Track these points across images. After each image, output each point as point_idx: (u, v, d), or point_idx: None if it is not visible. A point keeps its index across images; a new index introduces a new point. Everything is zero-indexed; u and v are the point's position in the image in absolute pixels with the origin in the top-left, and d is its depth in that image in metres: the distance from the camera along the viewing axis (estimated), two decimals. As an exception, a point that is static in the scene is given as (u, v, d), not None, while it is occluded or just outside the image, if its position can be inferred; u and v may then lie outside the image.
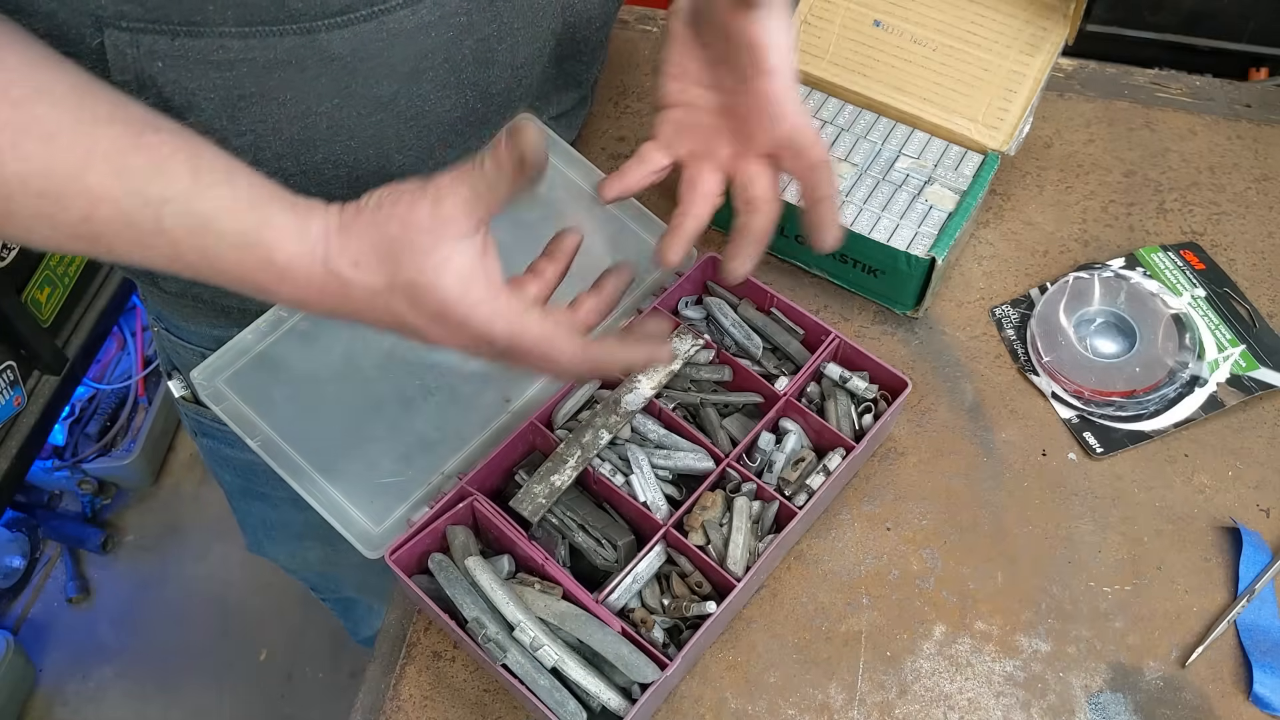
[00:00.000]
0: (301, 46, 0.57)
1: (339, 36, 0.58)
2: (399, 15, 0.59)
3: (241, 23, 0.55)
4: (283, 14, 0.55)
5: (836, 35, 0.81)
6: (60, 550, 1.89)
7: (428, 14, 0.60)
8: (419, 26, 0.60)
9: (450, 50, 0.63)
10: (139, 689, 1.76)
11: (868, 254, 0.75)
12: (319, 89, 0.59)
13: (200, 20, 0.54)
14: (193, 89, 0.57)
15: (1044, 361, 0.75)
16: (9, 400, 1.41)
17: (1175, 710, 0.62)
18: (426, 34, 0.61)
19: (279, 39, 0.56)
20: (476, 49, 0.65)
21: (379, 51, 0.60)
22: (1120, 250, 0.81)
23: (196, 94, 0.57)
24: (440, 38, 0.62)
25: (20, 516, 1.87)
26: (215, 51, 0.56)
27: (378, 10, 0.58)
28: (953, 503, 0.70)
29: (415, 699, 0.65)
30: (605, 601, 0.60)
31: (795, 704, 0.63)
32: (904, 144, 0.78)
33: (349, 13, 0.57)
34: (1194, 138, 0.88)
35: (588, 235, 0.76)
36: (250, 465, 0.89)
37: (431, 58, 0.62)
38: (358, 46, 0.59)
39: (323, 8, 0.56)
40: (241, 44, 0.56)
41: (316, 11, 0.56)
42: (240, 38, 0.56)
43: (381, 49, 0.60)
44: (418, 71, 0.62)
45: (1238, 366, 0.74)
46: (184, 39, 0.55)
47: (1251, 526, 0.68)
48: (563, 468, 0.63)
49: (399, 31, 0.59)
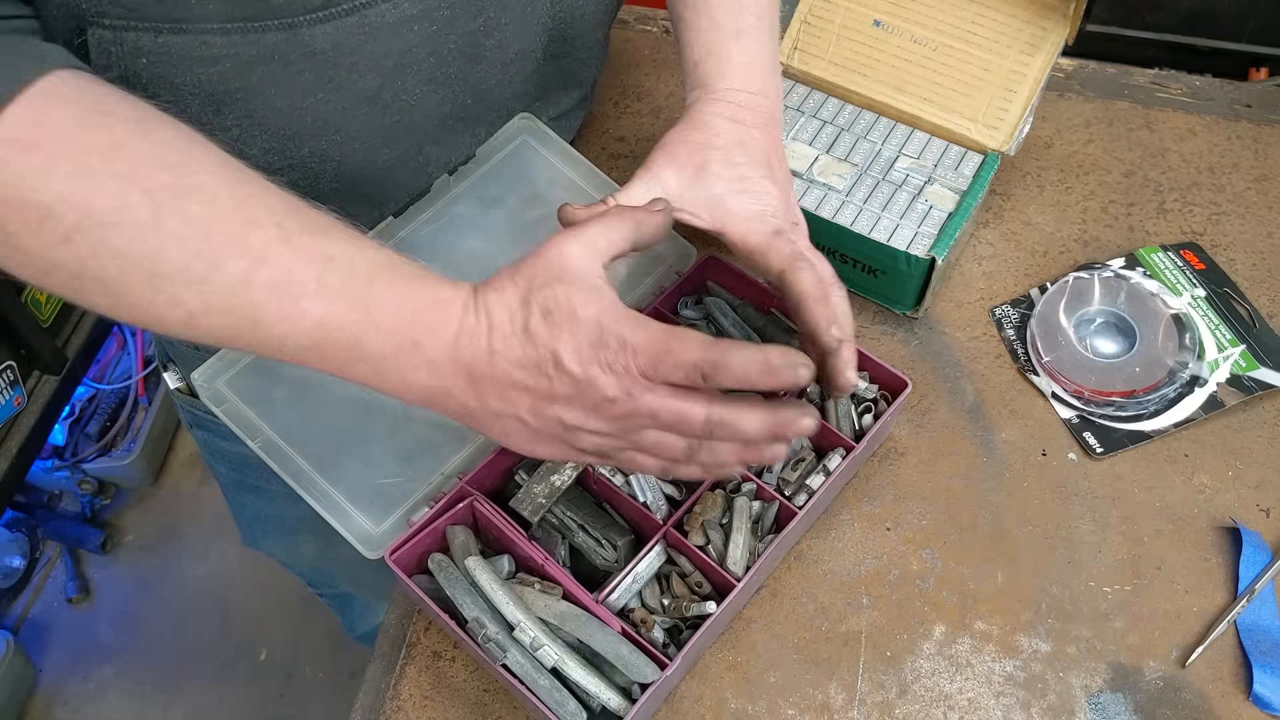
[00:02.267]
0: (284, 42, 0.57)
1: (321, 31, 0.58)
2: (380, 9, 0.59)
3: (225, 19, 0.55)
4: (265, 10, 0.56)
5: (836, 35, 0.81)
6: (60, 550, 1.89)
7: (410, 7, 0.60)
8: (401, 20, 0.60)
9: (435, 44, 0.63)
10: (139, 689, 1.76)
11: (868, 254, 0.75)
12: (303, 83, 0.60)
13: (183, 17, 0.55)
14: (178, 84, 0.57)
15: (1044, 361, 0.75)
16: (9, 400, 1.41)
17: (1175, 710, 0.62)
18: (409, 27, 0.61)
19: (262, 34, 0.57)
20: (462, 43, 0.65)
21: (361, 45, 0.60)
22: (1120, 250, 0.81)
23: (182, 89, 0.57)
24: (424, 31, 0.62)
25: (20, 516, 1.87)
26: (199, 48, 0.56)
27: (359, 4, 0.58)
28: (953, 503, 0.70)
29: (415, 699, 0.65)
30: (605, 601, 0.60)
31: (795, 704, 0.63)
32: (904, 144, 0.78)
33: (330, 7, 0.57)
34: (1194, 138, 0.88)
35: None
36: (244, 459, 0.89)
37: (415, 51, 0.63)
38: (340, 41, 0.59)
39: (304, 3, 0.56)
40: (225, 40, 0.56)
41: (298, 7, 0.56)
42: (223, 34, 0.56)
43: (364, 42, 0.60)
44: (402, 65, 0.63)
45: (1238, 366, 0.74)
46: (168, 35, 0.55)
47: (1251, 526, 0.68)
48: (563, 468, 0.63)
49: (380, 25, 0.60)
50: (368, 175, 0.68)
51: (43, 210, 0.46)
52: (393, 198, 0.73)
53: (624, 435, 0.51)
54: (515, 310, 0.50)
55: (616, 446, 0.52)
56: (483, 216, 0.77)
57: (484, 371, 0.51)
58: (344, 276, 0.49)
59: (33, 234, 0.46)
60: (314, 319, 0.49)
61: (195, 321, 0.49)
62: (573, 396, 0.50)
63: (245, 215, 0.48)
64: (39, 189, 0.45)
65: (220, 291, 0.48)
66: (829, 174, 0.76)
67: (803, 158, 0.78)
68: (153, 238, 0.47)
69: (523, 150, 0.79)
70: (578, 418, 0.51)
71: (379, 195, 0.72)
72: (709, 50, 0.66)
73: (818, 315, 0.59)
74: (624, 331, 0.49)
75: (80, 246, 0.46)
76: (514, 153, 0.79)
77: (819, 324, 0.59)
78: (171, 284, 0.47)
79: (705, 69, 0.66)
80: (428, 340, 0.50)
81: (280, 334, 0.49)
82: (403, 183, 0.72)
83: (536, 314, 0.50)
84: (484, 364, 0.50)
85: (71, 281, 0.48)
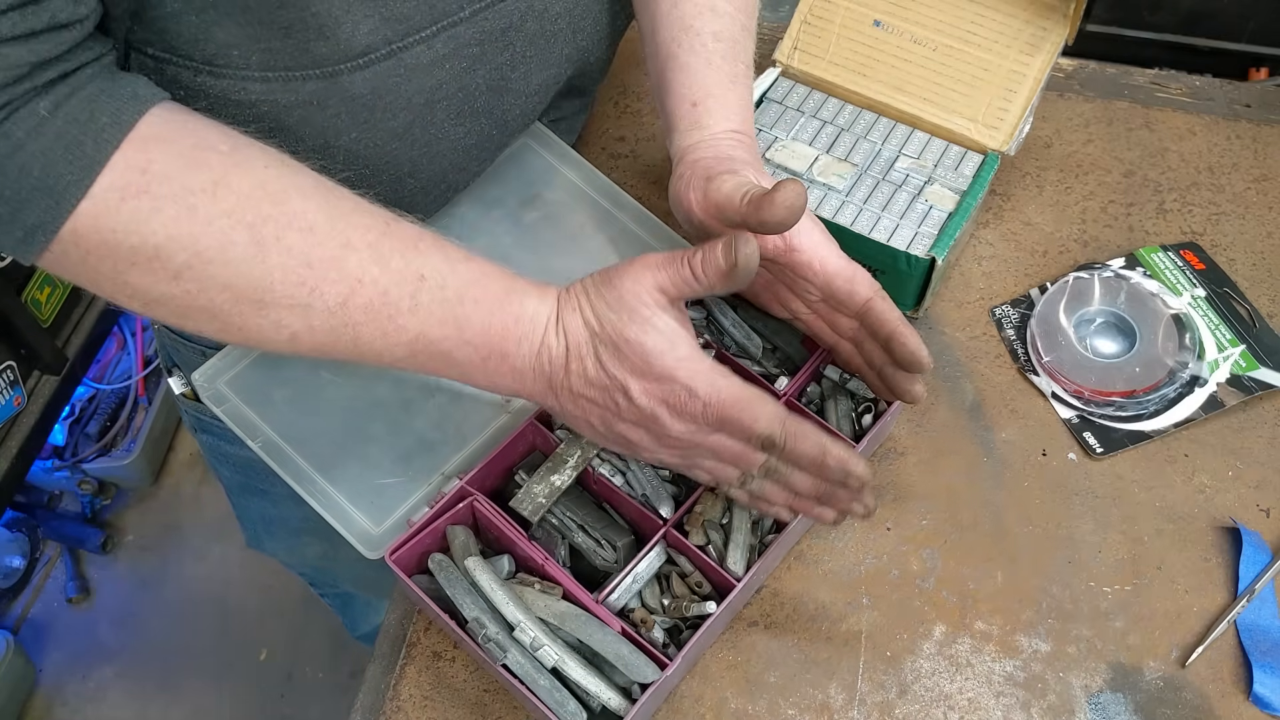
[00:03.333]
0: (323, 89, 0.58)
1: (360, 78, 0.59)
2: (415, 51, 0.60)
3: (265, 68, 0.56)
4: (306, 60, 0.56)
5: (836, 35, 0.81)
6: (60, 550, 1.89)
7: (442, 47, 0.61)
8: (434, 60, 0.61)
9: (463, 80, 0.64)
10: (139, 689, 1.76)
11: (868, 254, 0.75)
12: (339, 125, 0.61)
13: (223, 63, 0.56)
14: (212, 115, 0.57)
15: (1044, 361, 0.75)
16: (9, 400, 1.41)
17: (1175, 710, 0.62)
18: (441, 66, 0.62)
19: (301, 83, 0.57)
20: (490, 77, 0.66)
21: (396, 86, 0.61)
22: (1120, 250, 0.81)
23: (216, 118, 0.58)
24: (454, 69, 0.63)
25: (20, 516, 1.87)
26: (237, 91, 0.57)
27: (396, 49, 0.59)
28: (953, 503, 0.70)
29: (415, 699, 0.65)
30: (605, 601, 0.60)
31: (795, 704, 0.63)
32: (904, 144, 0.78)
33: (370, 53, 0.58)
34: (1193, 138, 0.88)
35: (588, 236, 0.76)
36: (249, 462, 0.89)
37: (445, 88, 0.63)
38: (377, 85, 0.60)
39: (345, 52, 0.57)
40: (263, 86, 0.57)
41: (339, 56, 0.57)
42: (263, 80, 0.57)
43: (399, 84, 0.61)
44: (431, 103, 0.63)
45: (1238, 366, 0.74)
46: (206, 76, 0.56)
47: (1251, 526, 0.68)
48: (563, 468, 0.63)
49: (415, 66, 0.60)
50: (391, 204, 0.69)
51: (151, 252, 0.48)
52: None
53: (684, 457, 0.58)
54: (589, 337, 0.54)
55: (676, 464, 0.59)
56: (483, 218, 0.77)
57: (561, 383, 0.56)
58: (436, 294, 0.53)
59: (143, 274, 0.49)
60: (410, 335, 0.53)
61: (299, 340, 0.53)
62: (638, 422, 0.55)
63: (342, 239, 0.51)
64: (148, 232, 0.48)
65: (322, 314, 0.51)
66: (829, 174, 0.77)
67: (803, 158, 0.78)
68: (258, 270, 0.50)
69: (523, 152, 0.79)
70: (641, 438, 0.56)
71: None
72: (707, 93, 0.67)
73: (909, 345, 0.60)
74: (696, 386, 0.53)
75: (189, 283, 0.49)
76: (514, 154, 0.79)
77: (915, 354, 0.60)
78: (277, 310, 0.51)
79: (705, 109, 0.67)
80: (513, 353, 0.55)
81: (378, 349, 0.54)
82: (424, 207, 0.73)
83: (609, 345, 0.54)
84: (560, 377, 0.56)
85: (181, 312, 0.51)
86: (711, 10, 0.68)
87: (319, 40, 0.55)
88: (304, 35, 0.55)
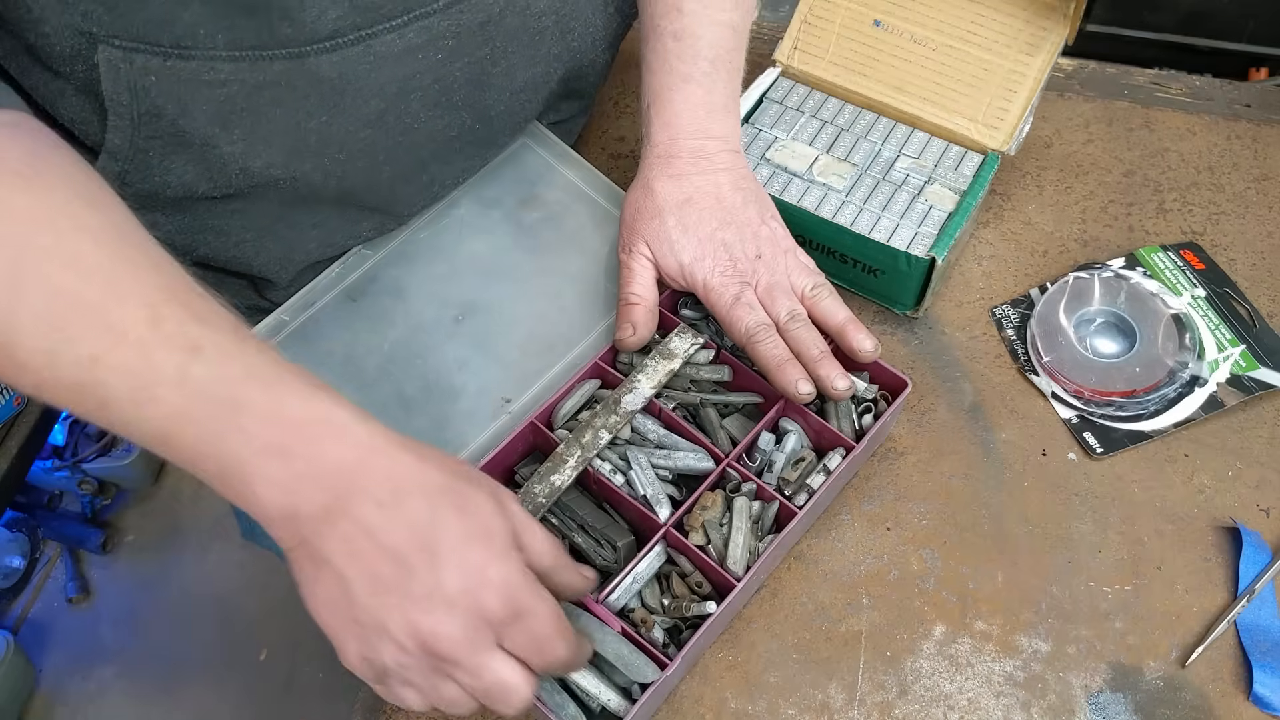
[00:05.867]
0: (290, 70, 0.58)
1: (327, 60, 0.59)
2: (385, 39, 0.60)
3: (232, 47, 0.56)
4: (272, 40, 0.57)
5: (836, 35, 0.81)
6: (60, 550, 1.89)
7: (414, 38, 0.61)
8: (406, 50, 0.61)
9: (439, 72, 0.64)
10: (139, 689, 1.76)
11: (868, 254, 0.75)
12: (308, 106, 0.61)
13: (191, 44, 0.55)
14: (185, 100, 0.58)
15: (1044, 361, 0.75)
16: (9, 400, 1.41)
17: (1175, 710, 0.62)
18: (413, 56, 0.62)
19: (269, 63, 0.58)
20: (469, 71, 0.66)
21: (366, 73, 0.61)
22: (1120, 250, 0.81)
23: (189, 105, 0.58)
24: (428, 60, 0.63)
25: (20, 516, 1.87)
26: (206, 72, 0.57)
27: (364, 35, 0.59)
28: (953, 503, 0.70)
29: (415, 699, 0.64)
30: (605, 601, 0.60)
31: (795, 704, 0.63)
32: (904, 144, 0.78)
33: (336, 37, 0.58)
34: (1193, 137, 0.88)
35: (587, 236, 0.76)
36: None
37: (420, 78, 0.64)
38: (345, 69, 0.60)
39: (311, 34, 0.57)
40: (232, 66, 0.57)
41: (305, 37, 0.57)
42: (231, 60, 0.57)
43: (368, 71, 0.61)
44: (405, 91, 0.64)
45: (1238, 366, 0.74)
46: (175, 60, 0.56)
47: (1251, 526, 0.68)
48: (563, 468, 0.63)
49: (385, 55, 0.61)
50: (370, 189, 0.69)
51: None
52: (397, 211, 0.74)
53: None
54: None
55: None
56: (482, 218, 0.77)
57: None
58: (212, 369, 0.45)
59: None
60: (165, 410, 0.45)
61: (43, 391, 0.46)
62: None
63: (116, 291, 0.45)
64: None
65: (70, 365, 0.44)
66: (829, 174, 0.77)
67: (803, 158, 0.78)
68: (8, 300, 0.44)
69: (522, 152, 0.79)
70: None
71: (383, 206, 0.72)
72: (655, 95, 0.70)
73: (786, 379, 0.64)
74: None
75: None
76: (514, 155, 0.79)
77: (788, 388, 0.64)
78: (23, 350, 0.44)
79: (649, 117, 0.70)
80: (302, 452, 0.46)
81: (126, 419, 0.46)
82: (407, 197, 0.73)
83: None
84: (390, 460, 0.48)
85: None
86: (677, 9, 0.69)
87: (283, 21, 0.56)
88: (268, 15, 0.55)
